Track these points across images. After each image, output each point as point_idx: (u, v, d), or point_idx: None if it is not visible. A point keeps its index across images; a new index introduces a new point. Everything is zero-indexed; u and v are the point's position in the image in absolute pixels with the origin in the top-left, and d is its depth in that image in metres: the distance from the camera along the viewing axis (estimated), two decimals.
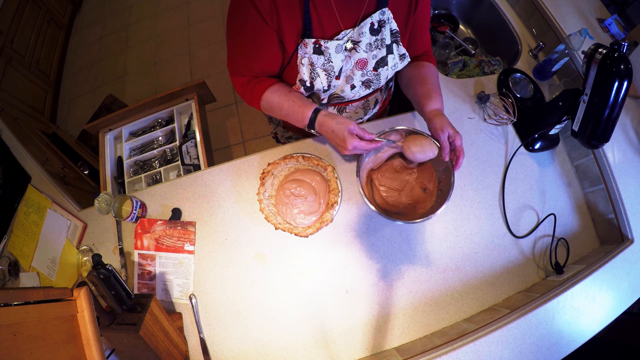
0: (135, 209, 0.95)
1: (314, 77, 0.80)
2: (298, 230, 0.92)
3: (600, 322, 0.83)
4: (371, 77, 0.84)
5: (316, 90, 0.84)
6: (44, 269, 1.00)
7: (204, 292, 0.92)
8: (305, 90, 0.83)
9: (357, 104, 0.95)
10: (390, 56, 0.82)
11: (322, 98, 0.86)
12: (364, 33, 0.77)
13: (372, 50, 0.80)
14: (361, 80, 0.84)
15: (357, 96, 0.89)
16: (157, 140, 1.48)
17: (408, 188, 0.93)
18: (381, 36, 0.79)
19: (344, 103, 0.93)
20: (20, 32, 2.23)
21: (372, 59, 0.81)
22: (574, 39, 1.03)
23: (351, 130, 0.75)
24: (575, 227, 1.00)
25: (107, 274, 0.69)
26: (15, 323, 0.53)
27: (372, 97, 0.96)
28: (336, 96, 0.87)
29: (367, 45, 0.79)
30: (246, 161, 1.02)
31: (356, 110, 0.98)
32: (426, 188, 0.91)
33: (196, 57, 2.56)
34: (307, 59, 0.78)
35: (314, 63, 0.78)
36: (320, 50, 0.76)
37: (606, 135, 0.83)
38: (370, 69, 0.83)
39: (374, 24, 0.77)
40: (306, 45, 0.76)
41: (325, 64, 0.78)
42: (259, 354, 0.86)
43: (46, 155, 1.60)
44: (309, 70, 0.79)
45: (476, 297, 0.90)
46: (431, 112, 0.82)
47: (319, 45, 0.76)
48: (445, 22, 1.42)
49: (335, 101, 0.90)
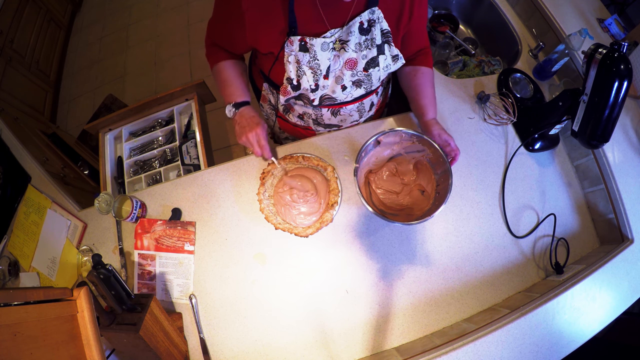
0: (135, 209, 0.95)
1: (300, 75, 0.81)
2: (298, 230, 0.92)
3: (600, 322, 0.83)
4: (362, 78, 0.84)
5: (303, 90, 0.83)
6: (44, 269, 1.00)
7: (204, 292, 0.92)
8: (292, 89, 0.84)
9: (351, 106, 0.94)
10: (382, 57, 0.82)
11: (312, 99, 0.85)
12: (352, 32, 0.77)
13: (362, 50, 0.80)
14: (351, 80, 0.84)
15: (349, 98, 0.88)
16: (157, 140, 1.47)
17: (406, 190, 0.94)
18: (371, 36, 0.79)
19: (337, 105, 0.93)
20: (20, 32, 2.23)
21: (362, 59, 0.81)
22: (574, 39, 1.03)
23: (263, 129, 0.88)
24: (575, 227, 1.00)
25: (107, 274, 0.69)
26: (15, 323, 0.53)
27: (367, 99, 0.95)
28: (327, 97, 0.87)
29: (356, 45, 0.79)
30: (246, 161, 1.02)
31: (350, 113, 0.97)
32: (424, 190, 0.92)
33: (196, 57, 2.55)
34: (293, 56, 0.79)
35: (299, 60, 0.79)
36: (305, 48, 0.77)
37: (606, 135, 0.83)
38: (361, 69, 0.83)
39: (363, 23, 0.77)
40: (292, 42, 0.77)
41: (311, 62, 0.79)
42: (259, 354, 0.86)
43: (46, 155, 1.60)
44: (296, 68, 0.80)
45: (476, 297, 0.90)
46: (425, 124, 0.95)
47: (304, 42, 0.77)
48: (445, 22, 1.42)
49: (327, 103, 0.89)
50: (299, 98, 0.89)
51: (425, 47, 0.97)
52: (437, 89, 1.04)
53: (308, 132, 1.06)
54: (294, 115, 1.00)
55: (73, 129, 2.36)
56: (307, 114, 0.97)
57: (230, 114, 0.93)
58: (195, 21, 2.71)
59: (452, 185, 0.82)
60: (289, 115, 1.02)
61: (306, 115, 0.98)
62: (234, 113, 0.92)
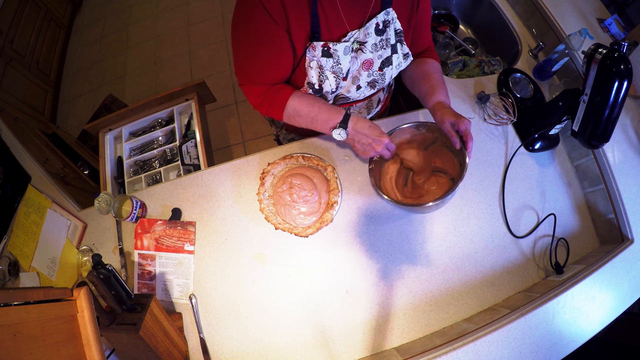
0: (135, 209, 0.95)
1: (322, 79, 0.80)
2: (298, 230, 0.92)
3: (600, 322, 0.83)
4: (377, 77, 0.85)
5: (324, 93, 0.84)
6: (44, 269, 1.00)
7: (204, 292, 0.92)
8: (313, 92, 0.84)
9: (361, 104, 0.96)
10: (395, 55, 0.83)
11: (328, 99, 0.86)
12: (369, 34, 0.77)
13: (378, 51, 0.81)
14: (367, 80, 0.85)
15: (362, 96, 0.89)
16: (157, 140, 1.48)
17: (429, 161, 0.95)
18: (386, 36, 0.80)
19: (349, 103, 0.94)
20: (20, 32, 2.23)
21: (378, 59, 0.82)
22: (574, 39, 1.03)
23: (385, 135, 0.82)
24: (575, 227, 0.99)
25: (107, 274, 0.69)
26: (15, 323, 0.53)
27: (375, 96, 0.97)
28: (342, 97, 0.87)
29: (372, 46, 0.80)
30: (246, 161, 1.02)
31: (360, 110, 0.98)
32: (446, 171, 0.93)
33: (196, 57, 2.56)
34: (315, 62, 0.77)
35: (322, 66, 0.78)
36: (329, 53, 0.76)
37: (606, 135, 0.83)
38: (376, 69, 0.83)
39: (379, 25, 0.77)
40: (314, 48, 0.76)
41: (334, 67, 0.78)
42: (259, 354, 0.86)
43: (46, 155, 1.60)
44: (318, 73, 0.79)
45: (476, 297, 0.90)
46: (433, 106, 0.84)
47: (327, 48, 0.76)
48: (445, 22, 1.42)
49: (340, 102, 0.90)
50: None
51: (430, 46, 0.98)
52: None
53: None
54: None
55: (73, 129, 2.36)
56: None
57: (342, 136, 0.83)
58: (195, 21, 2.71)
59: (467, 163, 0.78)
60: None
61: None
62: (347, 133, 0.83)
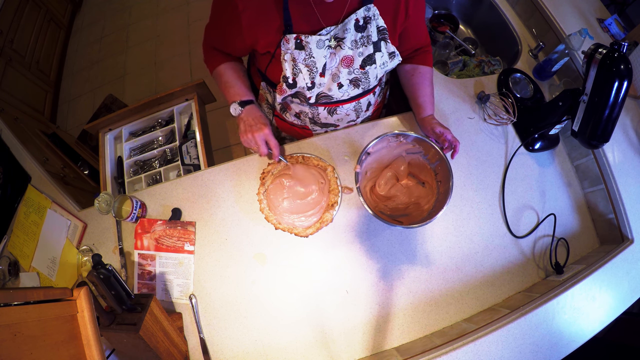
0: (135, 209, 0.95)
1: (296, 73, 0.81)
2: (298, 230, 0.92)
3: (600, 322, 0.83)
4: (359, 76, 0.84)
5: (299, 88, 0.84)
6: (44, 269, 1.00)
7: (204, 292, 0.92)
8: (288, 87, 0.84)
9: (347, 106, 0.94)
10: (378, 54, 0.82)
11: (308, 97, 0.86)
12: (348, 30, 0.77)
13: (358, 48, 0.80)
14: (348, 78, 0.84)
15: (346, 96, 0.88)
16: (157, 140, 1.47)
17: (405, 190, 0.94)
18: (367, 33, 0.79)
19: (334, 104, 0.93)
20: (20, 32, 2.23)
21: (359, 57, 0.82)
22: (574, 39, 1.03)
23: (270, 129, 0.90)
24: (575, 227, 1.00)
25: (107, 274, 0.69)
26: (15, 323, 0.53)
27: (364, 99, 0.95)
28: (324, 95, 0.87)
29: (352, 42, 0.79)
30: (246, 161, 1.02)
31: (347, 112, 0.97)
32: (424, 182, 0.92)
33: (196, 57, 2.55)
34: (289, 54, 0.79)
35: (295, 58, 0.79)
36: (301, 45, 0.78)
37: (606, 135, 0.83)
38: (357, 67, 0.83)
39: (358, 20, 0.77)
40: (288, 41, 0.77)
41: (307, 59, 0.79)
42: (259, 354, 0.86)
43: (46, 155, 1.60)
44: (292, 66, 0.80)
45: (476, 297, 0.90)
46: (421, 121, 0.98)
47: (300, 40, 0.77)
48: (445, 22, 1.42)
49: (323, 101, 0.89)
50: (296, 96, 0.89)
51: (424, 45, 0.97)
52: (437, 89, 1.05)
53: (305, 131, 1.06)
54: (291, 114, 1.00)
55: (73, 129, 2.36)
56: (304, 113, 0.97)
57: (236, 112, 0.93)
58: (195, 21, 2.71)
59: (452, 172, 0.83)
60: (286, 114, 1.02)
61: (303, 114, 0.98)
62: (240, 111, 0.92)
